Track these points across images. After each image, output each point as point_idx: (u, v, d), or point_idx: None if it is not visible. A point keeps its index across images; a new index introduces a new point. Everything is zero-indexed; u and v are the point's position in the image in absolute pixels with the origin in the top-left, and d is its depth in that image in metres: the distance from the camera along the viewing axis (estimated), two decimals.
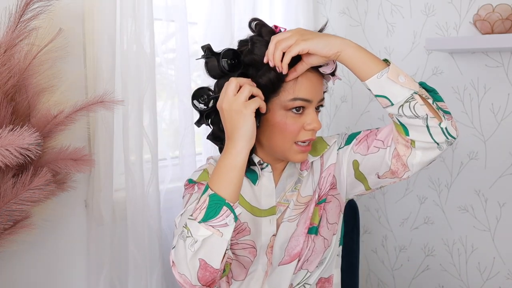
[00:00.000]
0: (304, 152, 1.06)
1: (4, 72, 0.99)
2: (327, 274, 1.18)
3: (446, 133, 0.95)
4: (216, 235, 0.91)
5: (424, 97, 0.95)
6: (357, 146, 1.10)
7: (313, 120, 1.04)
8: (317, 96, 1.04)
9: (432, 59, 1.78)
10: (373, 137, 1.07)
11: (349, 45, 0.96)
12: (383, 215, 1.96)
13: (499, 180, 1.69)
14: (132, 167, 1.33)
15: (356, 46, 0.96)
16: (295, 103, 1.02)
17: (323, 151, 1.16)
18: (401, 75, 0.94)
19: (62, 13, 1.17)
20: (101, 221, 1.31)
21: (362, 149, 1.08)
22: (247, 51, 1.03)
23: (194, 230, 0.91)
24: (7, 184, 1.00)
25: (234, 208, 0.94)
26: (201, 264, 0.91)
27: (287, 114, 1.03)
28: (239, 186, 0.96)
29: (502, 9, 1.50)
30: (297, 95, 1.02)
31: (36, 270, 1.25)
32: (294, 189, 1.14)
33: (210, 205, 0.93)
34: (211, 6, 1.55)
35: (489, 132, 1.69)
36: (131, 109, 1.32)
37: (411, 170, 1.00)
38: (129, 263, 1.35)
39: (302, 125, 1.04)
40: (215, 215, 0.92)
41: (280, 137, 1.05)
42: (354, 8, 1.95)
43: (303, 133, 1.05)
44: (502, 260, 1.71)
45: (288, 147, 1.05)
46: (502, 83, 1.65)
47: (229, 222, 0.93)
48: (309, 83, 1.03)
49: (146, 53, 1.33)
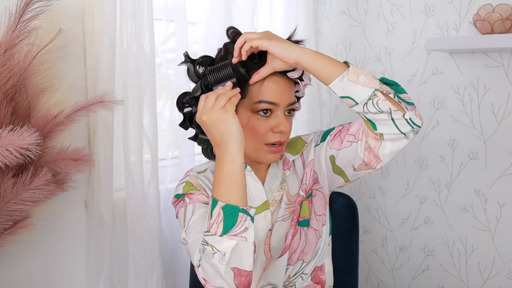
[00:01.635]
0: (275, 153, 1.10)
1: (4, 72, 0.98)
2: (320, 263, 1.22)
3: (411, 123, 0.99)
4: (241, 242, 0.95)
5: (385, 92, 0.98)
6: (332, 142, 1.13)
7: (280, 123, 1.07)
8: (285, 99, 1.08)
9: (432, 59, 1.78)
10: (345, 132, 1.11)
11: (306, 52, 1.00)
12: (383, 215, 1.96)
13: (499, 180, 1.69)
14: (132, 167, 1.33)
15: (313, 53, 1.01)
16: (260, 106, 1.06)
17: (302, 149, 1.20)
18: (361, 75, 0.98)
19: (62, 13, 1.17)
20: (101, 221, 1.31)
21: (337, 144, 1.12)
22: (220, 56, 1.10)
23: (218, 244, 0.95)
24: (7, 184, 1.00)
25: (248, 210, 0.98)
26: (235, 272, 0.95)
27: (254, 116, 1.07)
28: (245, 188, 0.99)
29: (502, 9, 1.50)
30: (262, 98, 1.06)
31: (36, 270, 1.25)
32: (280, 189, 1.17)
33: (226, 216, 0.96)
34: (211, 6, 1.55)
35: (489, 132, 1.69)
36: (131, 109, 1.32)
37: (383, 160, 1.04)
38: (129, 263, 1.35)
39: (270, 127, 1.07)
40: (234, 224, 0.96)
41: (250, 138, 1.08)
42: (354, 8, 1.95)
43: (271, 135, 1.08)
44: (502, 260, 1.71)
45: (258, 148, 1.09)
46: (502, 83, 1.65)
47: (248, 226, 0.97)
48: (275, 87, 1.07)
49: (146, 53, 1.33)
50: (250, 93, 1.07)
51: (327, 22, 2.03)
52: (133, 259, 1.35)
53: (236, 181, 0.97)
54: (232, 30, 1.12)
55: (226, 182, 0.97)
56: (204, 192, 1.13)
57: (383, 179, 1.94)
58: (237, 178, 0.97)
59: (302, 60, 1.00)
